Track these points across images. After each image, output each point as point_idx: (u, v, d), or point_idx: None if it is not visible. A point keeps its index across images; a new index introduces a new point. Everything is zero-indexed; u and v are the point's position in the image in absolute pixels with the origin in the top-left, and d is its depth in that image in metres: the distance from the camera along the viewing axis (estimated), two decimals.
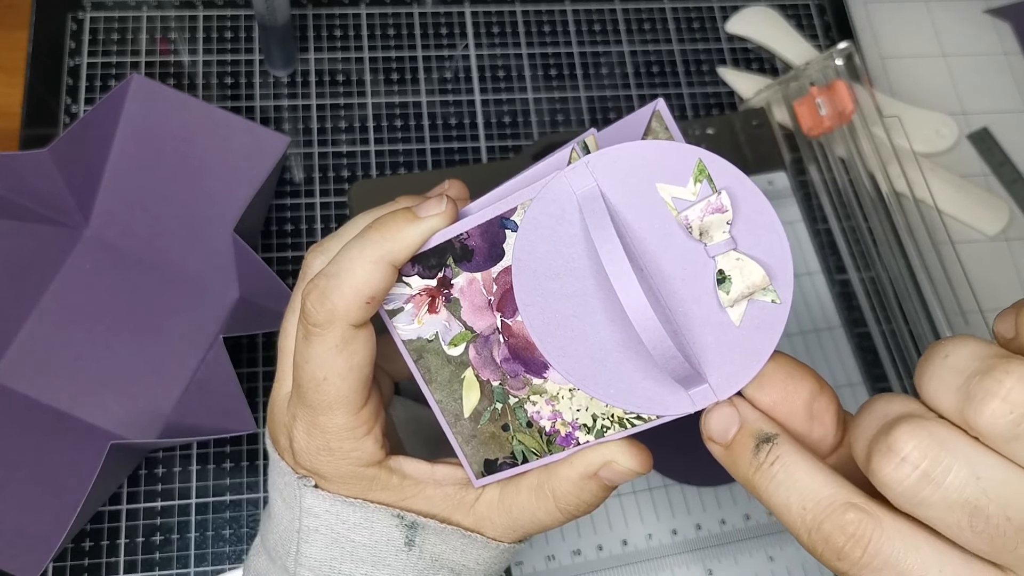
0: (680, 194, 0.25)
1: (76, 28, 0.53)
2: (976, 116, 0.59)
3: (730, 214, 0.24)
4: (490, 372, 0.29)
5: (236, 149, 0.47)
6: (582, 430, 0.28)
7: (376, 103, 0.54)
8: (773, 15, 0.60)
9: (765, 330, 0.24)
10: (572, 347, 0.26)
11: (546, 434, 0.29)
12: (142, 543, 0.43)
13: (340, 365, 0.27)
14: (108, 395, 0.45)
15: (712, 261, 0.24)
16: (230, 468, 0.45)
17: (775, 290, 0.24)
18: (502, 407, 0.29)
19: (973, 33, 0.62)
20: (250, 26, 0.55)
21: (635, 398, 0.26)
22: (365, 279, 0.26)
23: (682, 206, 0.24)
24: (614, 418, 0.27)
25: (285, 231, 0.50)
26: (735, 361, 0.25)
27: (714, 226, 0.24)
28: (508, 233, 0.27)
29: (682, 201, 0.24)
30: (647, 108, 0.26)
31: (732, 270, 0.24)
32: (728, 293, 0.24)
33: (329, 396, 0.27)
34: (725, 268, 0.24)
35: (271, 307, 0.44)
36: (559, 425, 0.28)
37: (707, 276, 0.25)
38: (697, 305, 0.25)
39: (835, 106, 0.52)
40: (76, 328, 0.46)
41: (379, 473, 0.29)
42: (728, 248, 0.24)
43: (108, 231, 0.48)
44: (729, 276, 0.24)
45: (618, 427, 0.27)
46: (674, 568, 0.44)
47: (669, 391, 0.26)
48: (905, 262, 0.51)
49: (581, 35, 0.58)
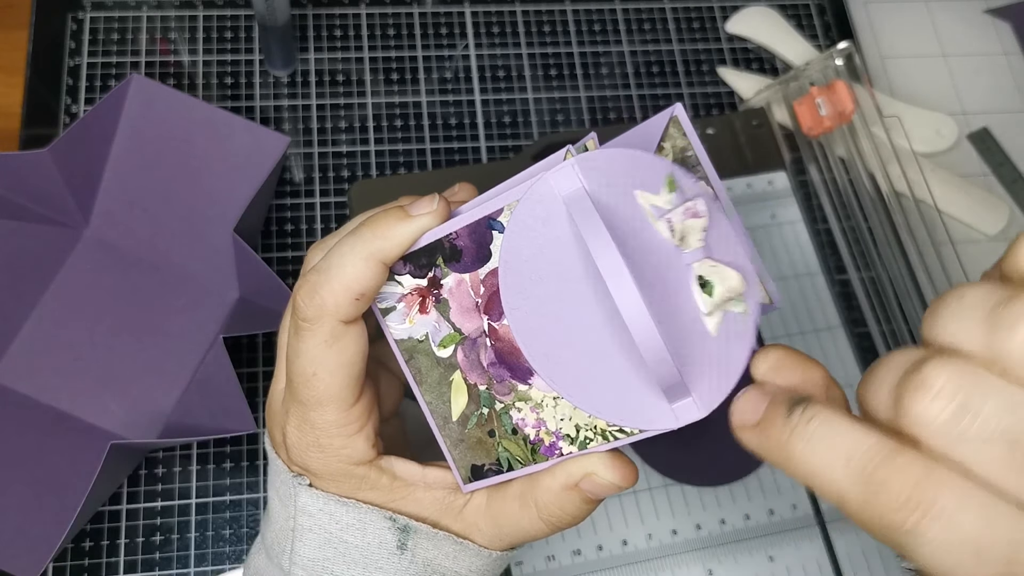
0: (656, 202, 0.25)
1: (76, 28, 0.53)
2: (976, 116, 0.59)
3: (706, 220, 0.24)
4: (477, 376, 0.28)
5: (236, 149, 0.47)
6: (565, 440, 0.27)
7: (376, 103, 0.54)
8: (773, 15, 0.60)
9: (737, 341, 0.24)
10: (556, 353, 0.26)
11: (531, 442, 0.28)
12: (142, 543, 0.43)
13: (329, 361, 0.27)
14: (108, 395, 0.45)
15: (690, 269, 0.24)
16: (230, 468, 0.45)
17: (744, 300, 0.24)
18: (488, 412, 0.28)
19: (973, 33, 0.62)
20: (250, 26, 0.55)
21: (618, 410, 0.26)
22: (355, 275, 0.27)
23: (660, 213, 0.24)
24: (597, 430, 0.27)
25: (285, 231, 0.50)
26: (713, 374, 0.24)
27: (691, 232, 0.24)
28: (495, 234, 0.27)
29: (659, 209, 0.24)
30: (665, 113, 0.26)
31: (711, 275, 0.24)
32: (711, 296, 0.24)
33: (318, 391, 0.28)
34: (704, 274, 0.24)
35: (271, 307, 0.44)
36: (543, 434, 0.28)
37: (686, 283, 0.24)
38: (677, 314, 0.24)
39: (835, 106, 0.52)
40: (76, 328, 0.46)
41: (369, 472, 0.29)
42: (703, 256, 0.24)
43: (108, 231, 0.48)
44: (711, 281, 0.24)
45: (600, 440, 0.27)
46: (674, 568, 0.44)
47: (652, 405, 0.25)
48: (905, 262, 0.51)
49: (581, 35, 0.58)
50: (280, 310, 0.43)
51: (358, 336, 0.28)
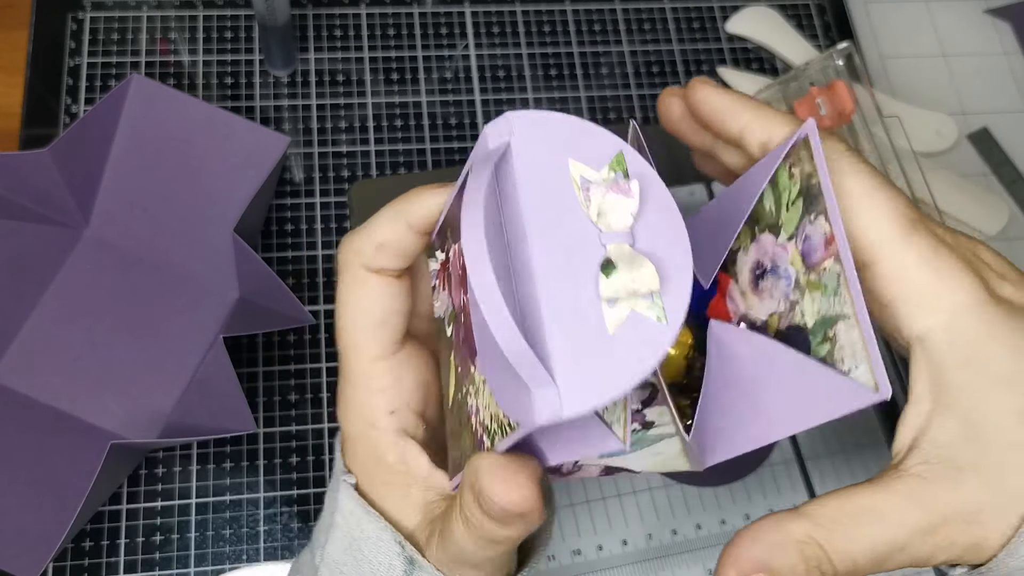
0: (590, 176, 0.22)
1: (76, 28, 0.53)
2: (976, 116, 0.59)
3: (635, 204, 0.22)
4: (458, 357, 0.26)
5: (236, 149, 0.47)
6: (486, 433, 0.24)
7: (376, 103, 0.54)
8: (773, 15, 0.60)
9: (638, 349, 0.20)
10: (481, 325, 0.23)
11: (473, 433, 0.25)
12: (142, 543, 0.43)
13: (350, 303, 0.29)
14: (108, 395, 0.45)
15: (603, 249, 0.21)
16: (230, 468, 0.45)
17: (662, 305, 0.21)
18: (460, 398, 0.26)
19: (973, 33, 0.62)
20: (250, 26, 0.55)
21: (501, 393, 0.22)
22: (378, 226, 0.28)
23: (586, 185, 0.22)
24: (501, 421, 0.23)
25: (285, 231, 0.50)
26: (593, 373, 0.20)
27: (614, 210, 0.22)
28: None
29: (588, 182, 0.22)
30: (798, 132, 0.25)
31: (621, 260, 0.21)
32: (609, 278, 0.21)
33: (344, 331, 0.29)
34: (614, 257, 0.21)
35: (271, 307, 0.44)
36: (476, 423, 0.25)
37: (591, 261, 0.21)
38: (571, 297, 0.21)
39: (835, 106, 0.52)
40: (76, 328, 0.46)
41: (387, 454, 0.29)
42: (623, 240, 0.21)
43: (108, 231, 0.48)
44: (616, 264, 0.21)
45: (501, 434, 0.23)
46: (674, 568, 0.44)
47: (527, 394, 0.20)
48: None
49: (581, 35, 0.58)
50: (280, 310, 0.43)
51: (383, 287, 0.29)
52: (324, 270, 0.49)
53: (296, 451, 0.45)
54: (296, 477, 0.45)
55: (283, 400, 0.46)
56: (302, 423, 0.46)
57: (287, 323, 0.43)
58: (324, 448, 0.46)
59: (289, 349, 0.47)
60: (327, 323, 0.48)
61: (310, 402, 0.46)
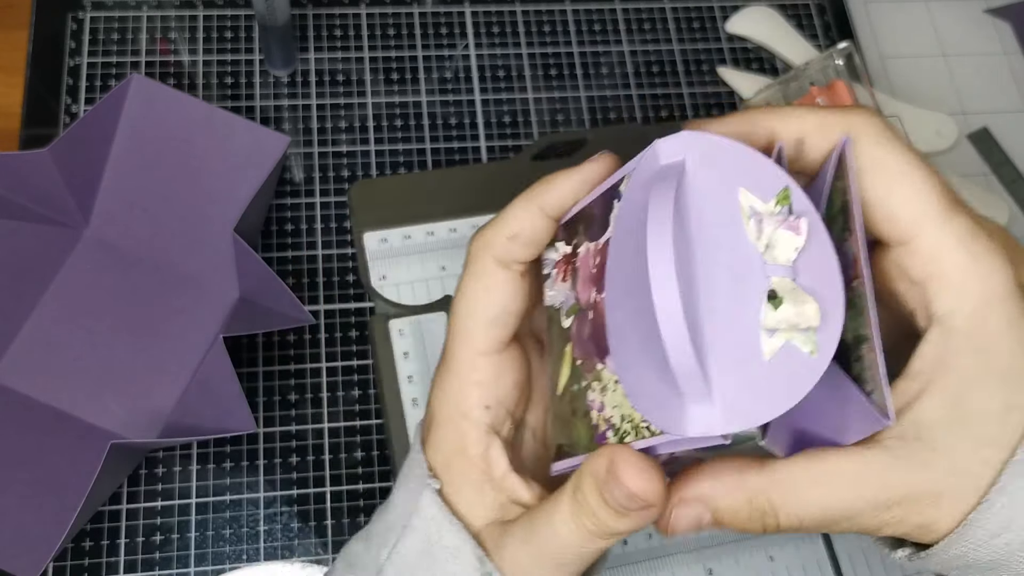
0: (759, 207, 0.23)
1: (76, 28, 0.53)
2: (976, 116, 0.59)
3: (802, 240, 0.22)
4: (579, 350, 0.27)
5: (236, 149, 0.47)
6: (611, 430, 0.25)
7: (376, 103, 0.54)
8: (773, 15, 0.60)
9: (791, 379, 0.22)
10: (627, 328, 0.24)
11: (592, 426, 0.26)
12: (142, 543, 0.43)
13: (470, 294, 0.29)
14: (108, 395, 0.45)
15: (767, 281, 0.22)
16: (230, 468, 0.45)
17: (814, 340, 0.22)
18: (577, 389, 0.27)
19: (973, 33, 0.62)
20: (250, 26, 0.55)
21: (645, 399, 0.23)
22: (511, 216, 0.29)
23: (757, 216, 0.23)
24: (634, 423, 0.24)
25: (285, 231, 0.50)
26: (748, 398, 0.22)
27: (781, 244, 0.22)
28: (615, 203, 0.26)
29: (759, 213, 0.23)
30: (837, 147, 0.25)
31: (786, 293, 0.22)
32: (776, 311, 0.22)
33: (457, 318, 0.29)
34: (779, 290, 0.22)
35: (271, 307, 0.44)
36: (600, 419, 0.26)
37: (757, 291, 0.22)
38: (734, 320, 0.22)
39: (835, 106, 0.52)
40: (76, 328, 0.46)
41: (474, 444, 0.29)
42: (787, 274, 0.22)
43: (108, 231, 0.48)
44: (782, 296, 0.22)
45: (634, 435, 0.24)
46: (674, 568, 0.44)
47: (675, 405, 0.22)
48: None
49: (581, 35, 0.58)
50: (280, 310, 0.43)
51: (506, 284, 0.29)
52: (324, 270, 0.49)
53: (296, 451, 0.45)
54: (296, 477, 0.45)
55: (283, 400, 0.46)
56: (302, 423, 0.46)
57: (287, 323, 0.43)
58: (324, 448, 0.46)
59: (289, 349, 0.47)
60: (327, 323, 0.48)
61: (310, 402, 0.46)
